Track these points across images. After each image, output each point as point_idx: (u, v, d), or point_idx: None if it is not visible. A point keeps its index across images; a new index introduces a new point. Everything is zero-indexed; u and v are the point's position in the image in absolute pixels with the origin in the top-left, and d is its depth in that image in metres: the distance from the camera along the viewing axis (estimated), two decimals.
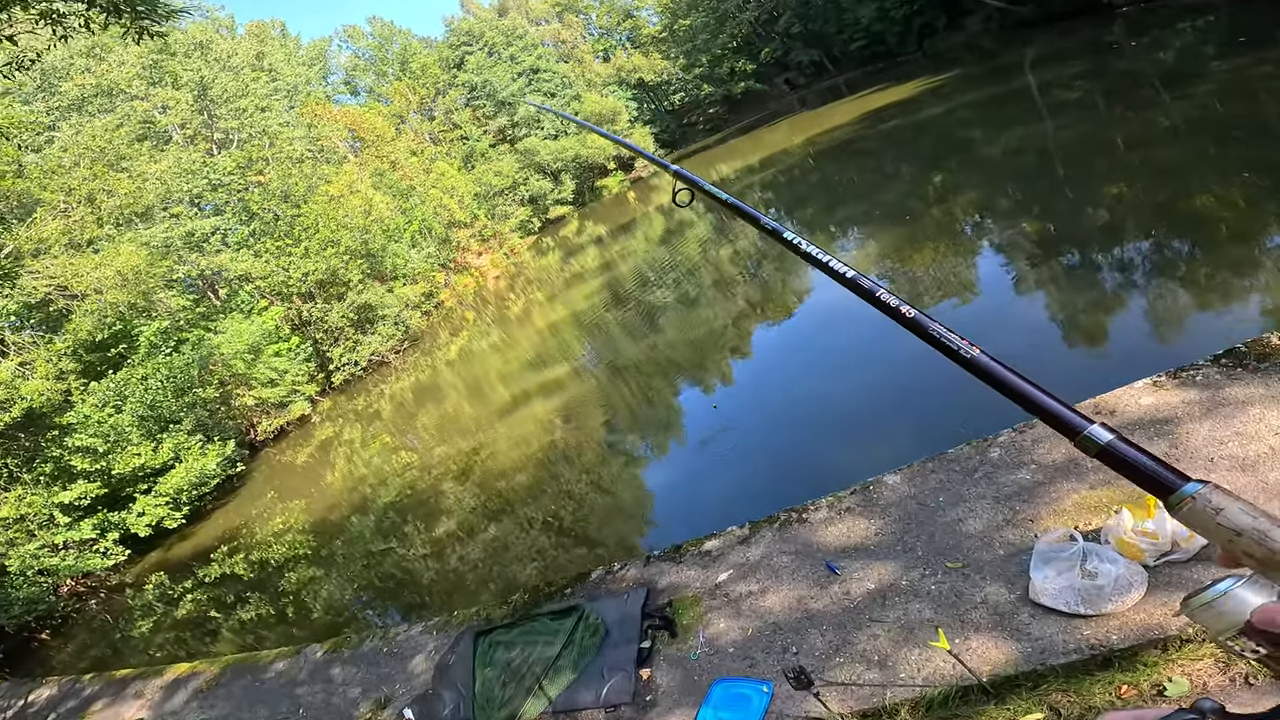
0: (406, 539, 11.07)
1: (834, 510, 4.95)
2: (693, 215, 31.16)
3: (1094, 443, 0.71)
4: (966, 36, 34.47)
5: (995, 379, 0.79)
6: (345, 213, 29.81)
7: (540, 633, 4.83)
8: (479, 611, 5.64)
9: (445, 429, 16.74)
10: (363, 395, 24.38)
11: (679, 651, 4.42)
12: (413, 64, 52.27)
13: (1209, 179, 9.79)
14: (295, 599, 10.80)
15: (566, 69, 55.17)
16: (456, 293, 37.70)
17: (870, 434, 7.36)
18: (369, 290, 28.14)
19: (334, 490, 15.43)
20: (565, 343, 19.83)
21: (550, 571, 7.55)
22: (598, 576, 5.43)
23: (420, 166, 43.70)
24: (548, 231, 49.03)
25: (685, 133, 59.89)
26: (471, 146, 49.31)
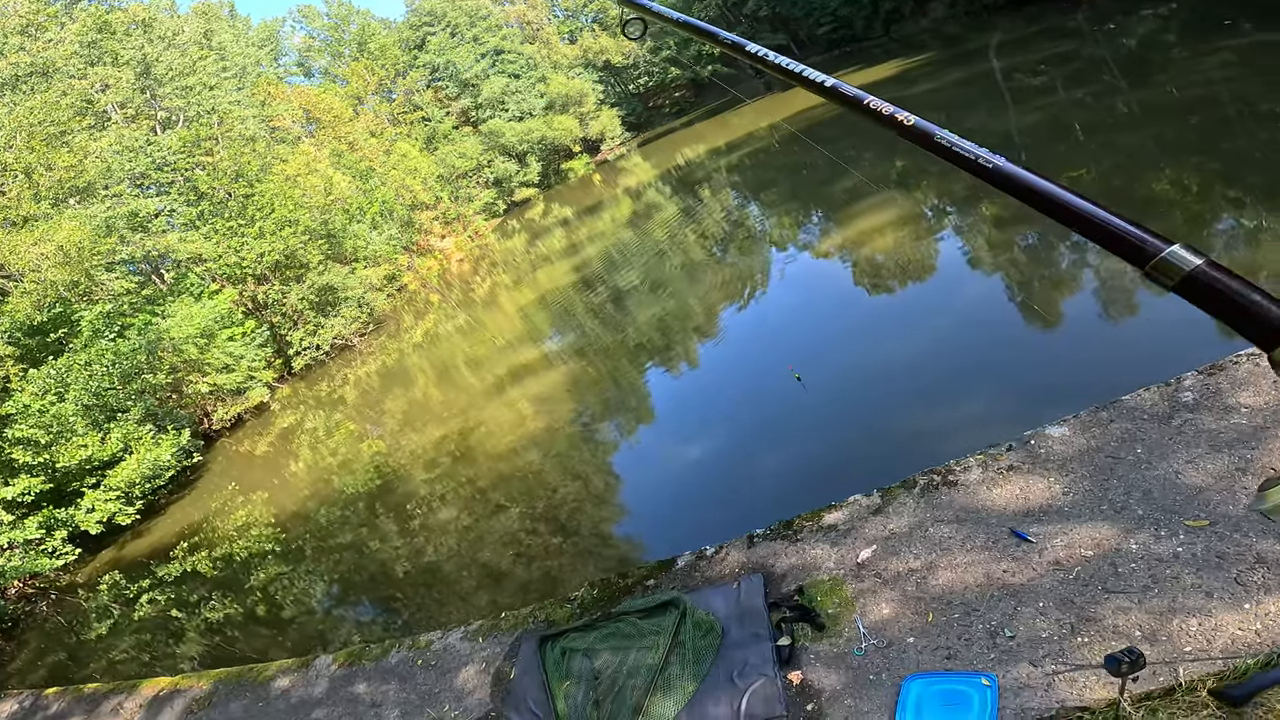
0: (393, 532, 10.08)
1: (990, 469, 4.25)
2: (659, 198, 30.71)
3: (1176, 269, 0.52)
4: (932, 21, 34.58)
5: (1030, 191, 0.63)
6: (304, 192, 28.58)
7: (629, 635, 3.94)
8: (534, 612, 4.70)
9: (415, 414, 16.01)
10: (325, 381, 23.16)
11: (833, 647, 3.60)
12: (371, 45, 50.48)
13: (1164, 164, 10.09)
14: (276, 600, 9.73)
15: (532, 50, 53.86)
16: (420, 276, 36.59)
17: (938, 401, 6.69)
18: (330, 271, 26.76)
19: (300, 481, 14.56)
20: (535, 325, 19.16)
21: (585, 562, 6.66)
22: (686, 563, 4.56)
23: (380, 148, 42.09)
24: (513, 214, 48.01)
25: (652, 116, 59.17)
26: (434, 128, 47.81)
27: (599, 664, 3.87)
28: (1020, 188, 0.66)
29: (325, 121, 41.24)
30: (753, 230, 18.55)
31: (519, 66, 51.74)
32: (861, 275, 11.40)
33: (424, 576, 8.29)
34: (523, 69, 51.80)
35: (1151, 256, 0.57)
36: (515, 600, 6.30)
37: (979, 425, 5.84)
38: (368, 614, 8.38)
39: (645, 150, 49.08)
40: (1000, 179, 0.68)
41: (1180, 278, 0.55)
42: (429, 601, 7.59)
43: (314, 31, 52.41)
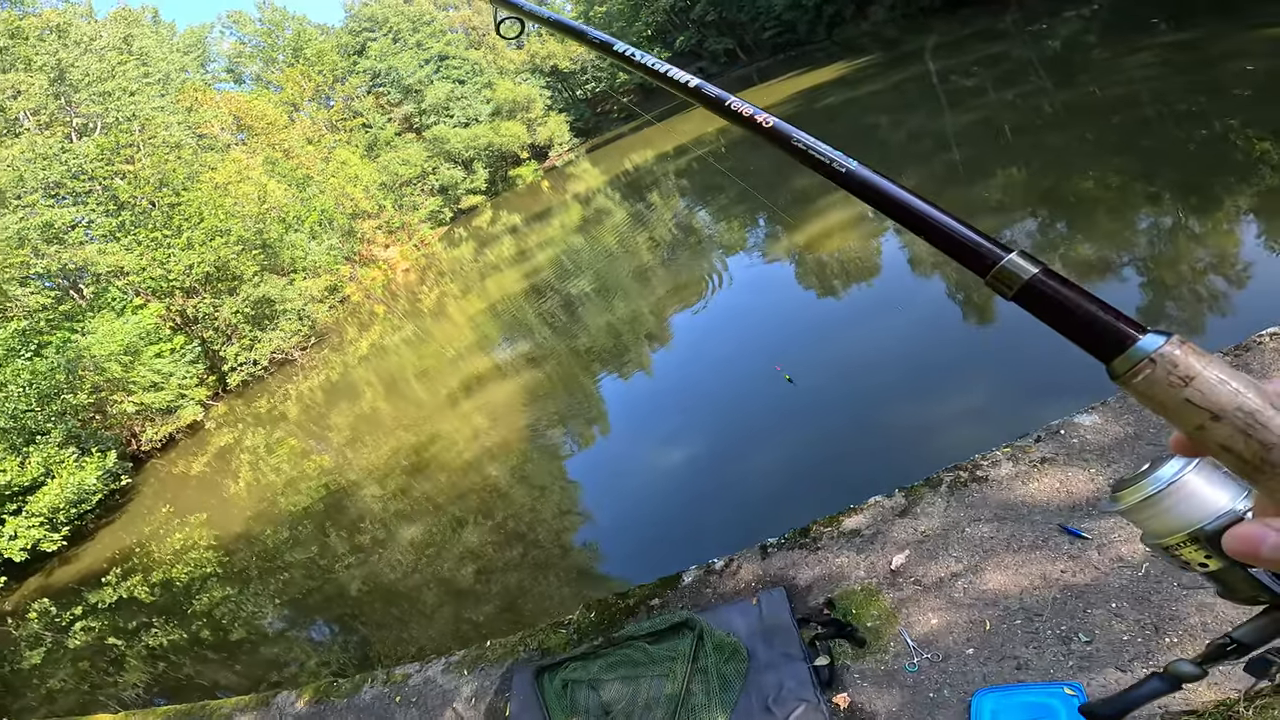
0: (349, 553, 9.28)
1: (1022, 462, 3.93)
2: (609, 203, 30.35)
3: (1014, 277, 0.52)
4: (872, 24, 35.32)
5: (881, 197, 0.62)
6: (236, 201, 27.22)
7: (640, 662, 3.39)
8: (525, 639, 4.10)
9: (364, 429, 15.22)
10: (265, 397, 21.95)
11: (880, 664, 3.15)
12: (308, 50, 48.70)
13: (1086, 164, 10.39)
14: (224, 626, 8.91)
15: (477, 56, 52.90)
16: (363, 286, 35.26)
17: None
18: (267, 283, 25.46)
19: (242, 501, 13.69)
20: (488, 335, 18.53)
21: (573, 582, 6.05)
22: (694, 579, 4.04)
23: (318, 155, 40.49)
24: (460, 222, 46.83)
25: (600, 121, 58.85)
26: (375, 134, 46.32)
27: (608, 696, 3.31)
28: (872, 193, 0.63)
29: (258, 129, 39.55)
30: (704, 233, 18.31)
31: (464, 72, 50.76)
32: (829, 274, 11.18)
33: (387, 601, 7.53)
34: (468, 74, 50.83)
35: (992, 265, 0.52)
36: (495, 626, 5.63)
37: (982, 419, 5.55)
38: (327, 642, 7.56)
39: (594, 156, 48.57)
40: (854, 184, 0.65)
41: (1018, 286, 0.51)
42: (395, 628, 6.82)
43: (245, 37, 50.44)
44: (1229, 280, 6.61)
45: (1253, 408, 0.44)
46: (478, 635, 5.35)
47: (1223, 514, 0.53)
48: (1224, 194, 7.94)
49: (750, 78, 42.58)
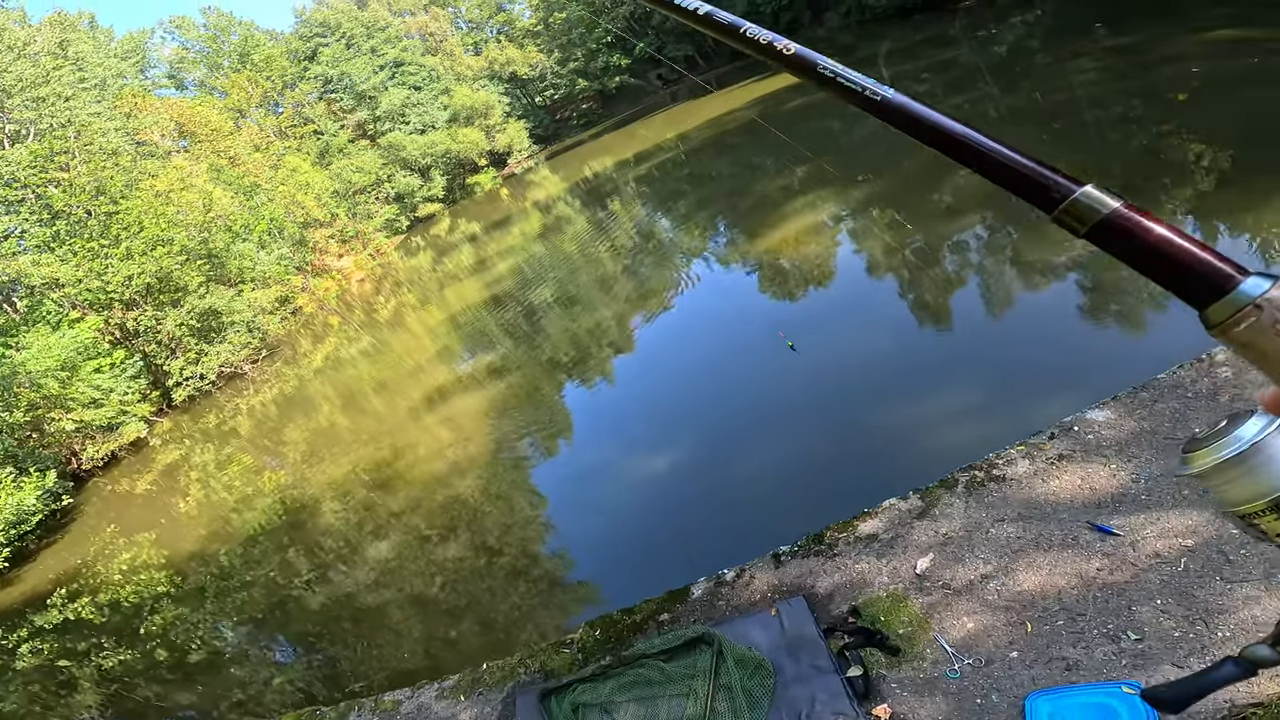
0: (314, 571, 8.78)
1: (1038, 460, 3.83)
2: (570, 211, 30.12)
3: (1090, 212, 0.46)
4: (828, 31, 35.87)
5: (924, 128, 0.57)
6: (178, 209, 26.15)
7: (655, 682, 3.10)
8: (524, 661, 3.77)
9: (322, 444, 14.63)
10: (213, 412, 21.02)
11: (918, 672, 2.94)
12: (255, 56, 47.33)
13: None
14: (182, 648, 8.34)
15: (434, 62, 52.06)
16: (317, 297, 34.24)
17: None
18: (213, 294, 24.46)
19: (192, 520, 13.06)
20: (448, 346, 18.00)
21: (565, 598, 5.70)
22: (704, 591, 3.77)
23: (266, 162, 39.22)
24: (417, 230, 45.89)
25: (560, 128, 58.43)
26: (327, 141, 45.07)
27: (623, 718, 2.97)
28: (914, 122, 0.57)
29: (201, 135, 38.17)
30: (672, 240, 18.15)
31: (421, 78, 49.94)
32: (798, 278, 11.08)
33: (362, 621, 7.04)
34: (424, 81, 50.01)
35: (1061, 199, 0.47)
36: (488, 648, 5.24)
37: (981, 418, 5.41)
38: (297, 665, 7.03)
39: (554, 163, 48.17)
40: (892, 112, 0.59)
41: (1094, 222, 0.46)
42: (374, 651, 6.33)
43: (188, 43, 48.80)
44: None
45: None
46: (469, 657, 4.95)
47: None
48: (1162, 196, 8.07)
49: (709, 83, 42.88)
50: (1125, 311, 6.26)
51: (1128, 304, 6.33)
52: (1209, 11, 14.26)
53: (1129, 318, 6.17)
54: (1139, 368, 4.52)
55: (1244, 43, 11.71)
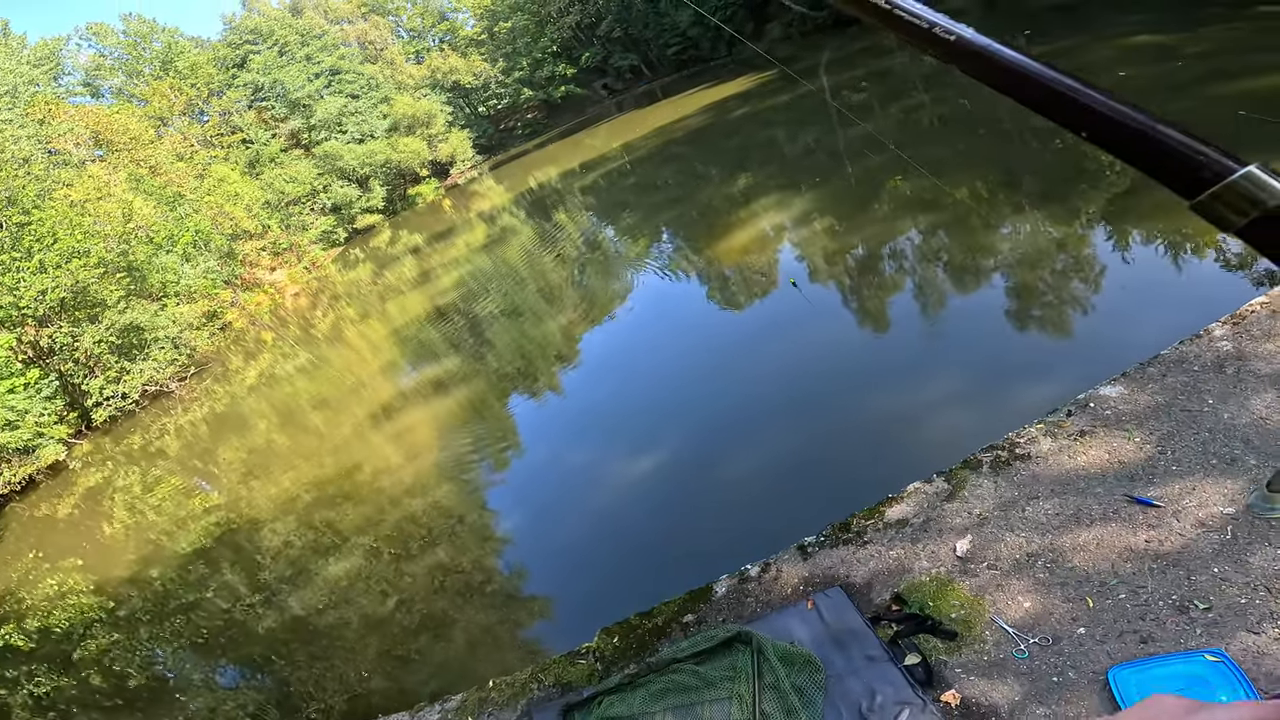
0: (268, 592, 8.09)
1: (1059, 437, 3.76)
2: (515, 221, 29.67)
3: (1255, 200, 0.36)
4: (770, 42, 36.59)
5: (1011, 76, 0.47)
6: (95, 219, 24.54)
7: (691, 687, 2.78)
8: (536, 675, 3.38)
9: (260, 464, 13.83)
10: (138, 433, 19.74)
11: (981, 655, 2.73)
12: (179, 63, 45.20)
13: (959, 173, 11.12)
14: (119, 676, 7.59)
15: (374, 70, 50.59)
16: (248, 312, 32.68)
17: None
18: (135, 309, 22.98)
19: (120, 544, 12.16)
20: (391, 360, 17.34)
21: (564, 607, 5.26)
22: (729, 588, 3.50)
23: (191, 172, 37.35)
24: (355, 242, 44.32)
25: (504, 138, 57.61)
26: (257, 151, 43.18)
27: None
28: (998, 71, 0.46)
29: (119, 144, 36.12)
30: (620, 249, 17.95)
31: (359, 86, 48.40)
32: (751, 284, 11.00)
33: (326, 648, 6.41)
34: (363, 89, 48.49)
35: (1213, 180, 0.37)
36: (487, 664, 4.75)
37: (989, 400, 5.30)
38: (259, 694, 6.31)
39: (498, 173, 47.42)
40: (967, 57, 0.48)
41: (1260, 213, 0.36)
42: (345, 679, 5.71)
43: (106, 50, 46.34)
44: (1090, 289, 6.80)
45: None
46: (470, 675, 4.47)
47: None
48: (1079, 202, 8.38)
49: (655, 93, 43.22)
50: (1114, 294, 6.31)
51: (1116, 287, 6.39)
52: (1123, 19, 15.02)
53: (1119, 300, 6.21)
54: (1138, 346, 4.49)
55: (1164, 49, 12.33)
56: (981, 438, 3.87)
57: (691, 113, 30.61)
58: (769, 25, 36.70)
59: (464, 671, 5.00)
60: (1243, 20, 11.97)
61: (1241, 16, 12.14)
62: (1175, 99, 10.16)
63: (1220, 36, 11.77)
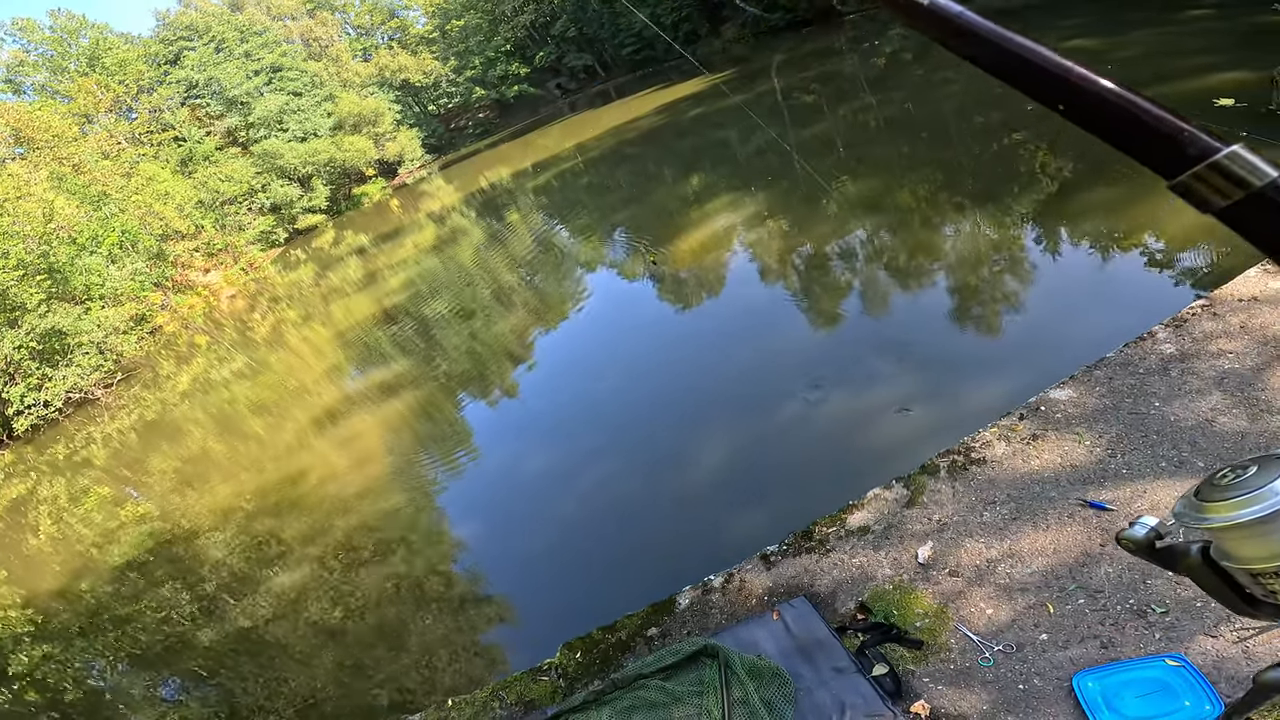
0: (204, 605, 7.68)
1: (1013, 441, 3.81)
2: (466, 222, 29.25)
3: (1240, 181, 0.35)
4: (724, 43, 37.03)
5: (988, 47, 0.45)
6: (15, 219, 23.25)
7: (660, 703, 2.69)
8: (496, 693, 3.23)
9: (195, 472, 13.28)
10: (63, 442, 18.74)
11: (948, 664, 2.73)
12: (106, 59, 43.38)
13: (902, 174, 11.52)
14: (56, 696, 7.09)
15: (318, 68, 49.21)
16: (180, 315, 31.37)
17: None
18: (56, 313, 21.81)
19: (48, 557, 11.53)
20: (335, 364, 16.81)
21: (525, 619, 5.10)
22: (693, 600, 3.42)
23: (117, 170, 35.65)
24: (296, 243, 42.92)
25: (454, 137, 56.72)
26: (190, 149, 41.51)
27: None
28: (973, 40, 0.44)
29: (40, 141, 34.29)
30: (573, 250, 17.81)
31: (301, 84, 47.04)
32: (703, 284, 11.01)
33: (274, 661, 6.09)
34: (306, 87, 47.13)
35: (1198, 159, 0.36)
36: (441, 682, 4.55)
37: (938, 404, 5.34)
38: (203, 709, 5.93)
39: (448, 173, 46.54)
40: (936, 22, 0.46)
41: (1245, 194, 0.35)
42: (296, 693, 5.40)
43: (30, 45, 44.20)
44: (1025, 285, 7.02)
45: None
46: (423, 696, 4.28)
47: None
48: (1013, 202, 8.67)
49: (609, 94, 43.18)
50: (1058, 296, 6.47)
51: (1058, 289, 6.56)
52: (1058, 23, 15.65)
53: (1063, 302, 6.37)
54: (1084, 348, 4.60)
55: (1096, 53, 12.83)
56: (938, 442, 3.90)
57: (645, 113, 30.65)
58: (724, 27, 37.08)
59: (421, 683, 4.81)
60: (1171, 24, 12.42)
61: (1170, 20, 12.60)
62: None
63: (1149, 40, 12.22)
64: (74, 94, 41.83)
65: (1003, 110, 11.83)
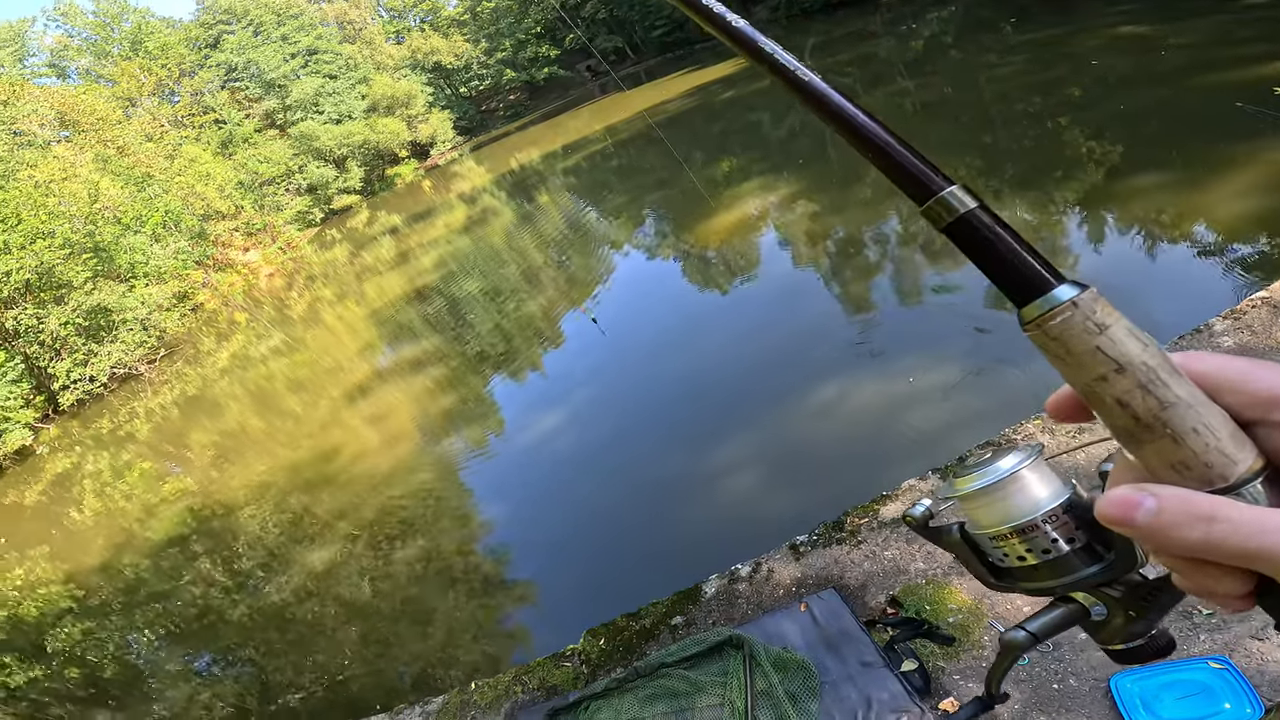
0: (241, 582, 7.89)
1: (1057, 434, 3.67)
2: (496, 203, 29.35)
3: (952, 209, 0.51)
4: (756, 24, 36.19)
5: (831, 111, 0.59)
6: (60, 200, 23.95)
7: (682, 693, 2.67)
8: (519, 677, 3.24)
9: (234, 447, 13.51)
10: (107, 416, 19.33)
11: (979, 661, 2.67)
12: (149, 43, 44.32)
13: (939, 159, 10.79)
14: (94, 668, 7.38)
15: (352, 50, 49.79)
16: (221, 293, 32.09)
17: None
18: (102, 290, 22.43)
19: (91, 532, 11.79)
20: (368, 341, 17.05)
21: (546, 605, 5.12)
22: (719, 589, 3.37)
23: (160, 152, 36.44)
24: (332, 223, 43.59)
25: (485, 119, 56.82)
26: (230, 131, 42.30)
27: None
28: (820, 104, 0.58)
29: (85, 124, 35.17)
30: (603, 231, 17.75)
31: (336, 67, 47.64)
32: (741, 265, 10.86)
33: (305, 637, 6.22)
34: (341, 69, 47.70)
35: (933, 194, 0.51)
36: (467, 664, 4.59)
37: (980, 396, 5.19)
38: (237, 685, 6.09)
39: (479, 154, 46.76)
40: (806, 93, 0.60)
41: (953, 219, 0.50)
42: (326, 669, 5.51)
43: (74, 30, 45.27)
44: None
45: (1156, 364, 0.44)
46: (449, 676, 4.34)
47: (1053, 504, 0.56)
48: (1054, 189, 8.39)
49: (639, 76, 42.84)
50: (1111, 287, 6.24)
51: (1112, 279, 6.33)
52: (1109, 9, 15.06)
53: (1115, 293, 6.12)
54: None
55: (1148, 40, 12.36)
56: (977, 433, 3.79)
57: (682, 93, 30.33)
58: (755, 8, 36.47)
59: (445, 663, 4.86)
60: (1227, 13, 12.00)
61: (1225, 10, 12.18)
62: (1156, 88, 10.16)
63: (1204, 29, 11.79)
64: (117, 78, 42.82)
65: (1048, 96, 11.46)
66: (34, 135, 33.04)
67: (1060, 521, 0.56)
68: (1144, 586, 0.58)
